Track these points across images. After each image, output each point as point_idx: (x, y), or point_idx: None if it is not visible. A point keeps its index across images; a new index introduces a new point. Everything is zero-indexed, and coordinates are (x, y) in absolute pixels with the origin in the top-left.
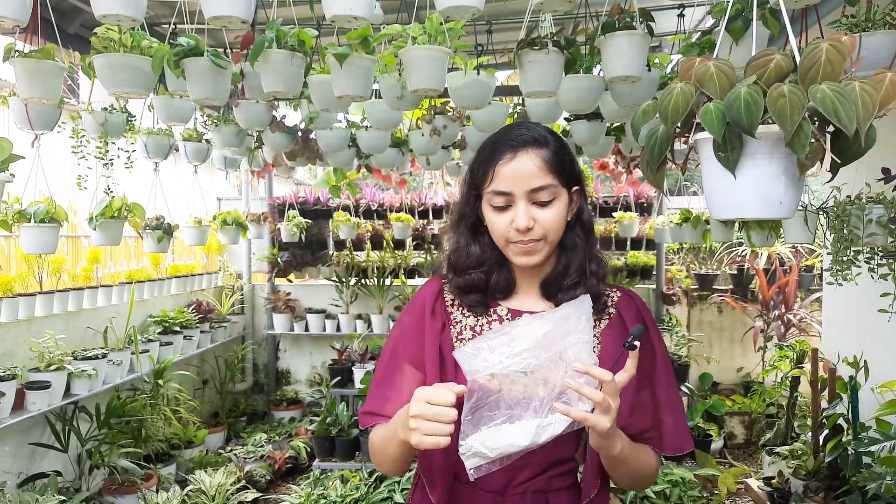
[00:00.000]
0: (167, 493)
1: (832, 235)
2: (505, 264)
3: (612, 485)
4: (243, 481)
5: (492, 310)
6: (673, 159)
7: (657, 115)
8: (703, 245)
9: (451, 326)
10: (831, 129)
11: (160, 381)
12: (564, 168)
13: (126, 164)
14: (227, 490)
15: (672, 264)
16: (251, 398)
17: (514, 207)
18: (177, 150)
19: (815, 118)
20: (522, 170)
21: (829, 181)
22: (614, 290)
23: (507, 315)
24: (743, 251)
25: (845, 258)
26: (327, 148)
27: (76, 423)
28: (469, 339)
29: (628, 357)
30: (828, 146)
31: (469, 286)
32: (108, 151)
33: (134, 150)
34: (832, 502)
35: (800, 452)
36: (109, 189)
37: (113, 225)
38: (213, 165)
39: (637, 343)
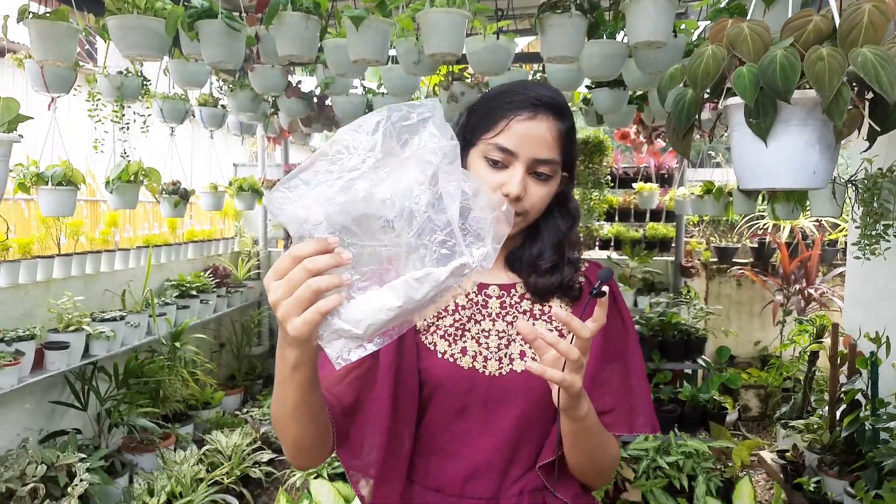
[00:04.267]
0: (185, 451)
1: (861, 209)
2: None
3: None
4: (259, 442)
5: None
6: (700, 126)
7: (685, 80)
8: (724, 218)
9: None
10: (870, 95)
11: (177, 344)
12: (570, 149)
13: (142, 128)
14: (243, 451)
15: (692, 237)
16: (267, 362)
17: (509, 170)
18: (193, 116)
19: (855, 84)
20: (537, 135)
21: (866, 151)
22: (584, 261)
23: (472, 288)
24: (764, 224)
25: (874, 232)
26: (343, 114)
27: (95, 382)
28: (434, 317)
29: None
30: (866, 113)
31: None
32: (123, 115)
33: (150, 115)
34: (847, 477)
35: (815, 427)
36: (125, 153)
37: (129, 189)
38: (228, 131)
39: (605, 289)
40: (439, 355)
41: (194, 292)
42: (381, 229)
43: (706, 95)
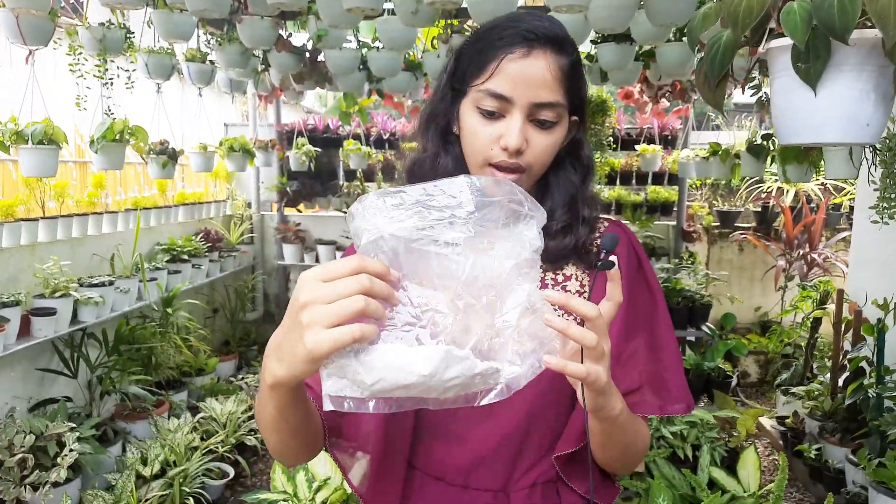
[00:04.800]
0: (178, 419)
1: (881, 170)
2: None
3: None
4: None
5: None
6: (733, 74)
7: (721, 19)
8: (729, 181)
9: None
10: None
11: (169, 310)
12: (578, 88)
13: (127, 84)
14: (238, 418)
15: (693, 201)
16: (262, 327)
17: (506, 119)
18: (180, 73)
19: None
20: (534, 74)
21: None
22: (603, 220)
23: None
24: (768, 188)
25: (894, 195)
26: (336, 70)
27: (85, 349)
28: None
29: (607, 282)
30: None
31: None
32: (106, 70)
33: (134, 70)
34: (849, 444)
35: (816, 393)
36: (110, 111)
37: (114, 148)
38: (218, 89)
39: (613, 260)
40: None
41: (186, 257)
42: (446, 292)
43: (745, 38)
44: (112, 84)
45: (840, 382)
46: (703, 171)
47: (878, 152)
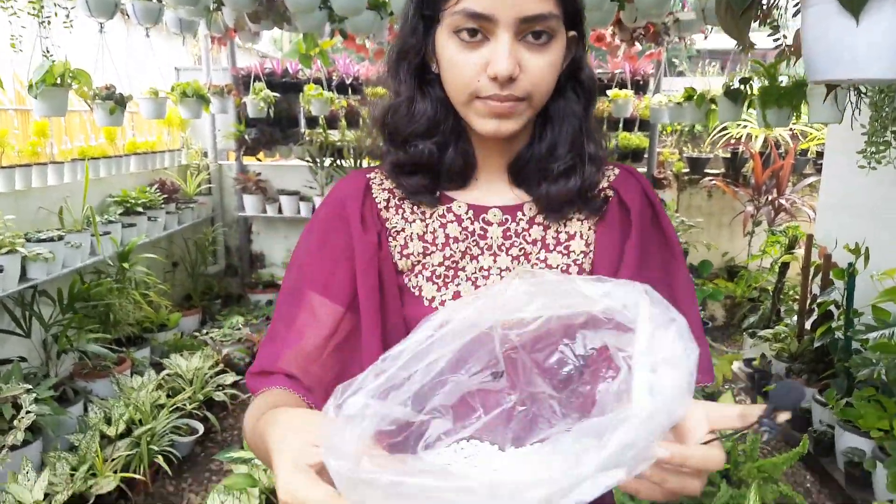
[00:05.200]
0: (142, 377)
1: (870, 114)
2: (462, 135)
3: None
4: (221, 365)
5: (443, 207)
6: (761, 4)
7: None
8: (698, 127)
9: (391, 238)
10: None
11: (125, 265)
12: None
13: (65, 23)
14: (206, 374)
15: (664, 147)
16: (225, 281)
17: (490, 43)
18: (124, 12)
19: None
20: None
21: None
22: (610, 167)
23: (466, 214)
24: (738, 133)
25: (882, 139)
26: (295, 8)
27: (37, 307)
28: (419, 254)
29: (633, 259)
30: None
31: (414, 164)
32: (42, 7)
33: (73, 7)
34: (815, 385)
35: (783, 336)
36: (48, 52)
37: (55, 93)
38: (167, 30)
39: (783, 419)
40: (426, 302)
41: (140, 209)
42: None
43: None
44: (49, 24)
45: (807, 326)
46: (677, 117)
47: (864, 95)
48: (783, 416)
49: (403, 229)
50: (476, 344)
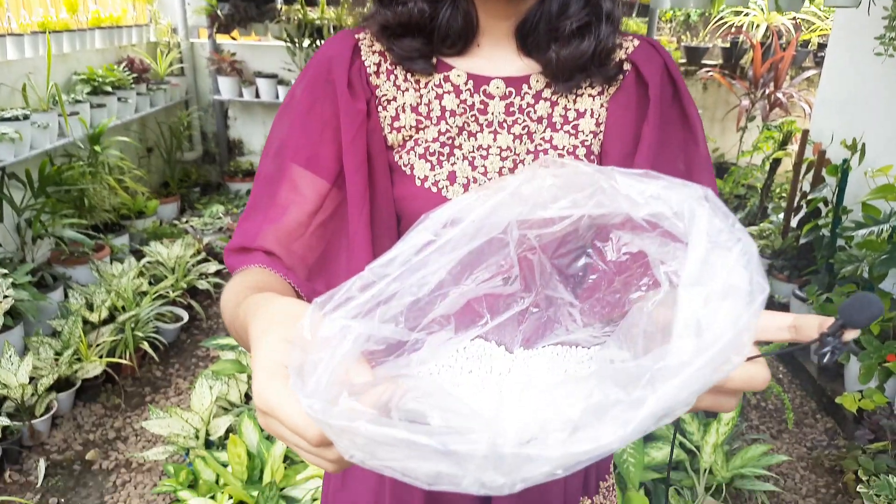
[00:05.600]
0: (122, 264)
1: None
2: None
3: None
4: (203, 254)
5: (440, 75)
6: None
7: None
8: (698, 15)
9: (381, 108)
10: None
11: (97, 147)
12: None
13: None
14: (188, 262)
15: (661, 35)
16: (203, 168)
17: None
18: None
19: None
20: None
21: None
22: (629, 38)
23: (465, 85)
24: (739, 22)
25: None
26: None
27: (7, 191)
28: (411, 128)
29: (650, 131)
30: None
31: (403, 25)
32: None
33: None
34: (797, 281)
35: (768, 233)
36: None
37: None
38: None
39: (847, 339)
40: (418, 182)
41: (109, 88)
42: None
43: None
44: None
45: (793, 223)
46: (679, 2)
47: None
48: (851, 335)
49: (395, 98)
50: (487, 248)
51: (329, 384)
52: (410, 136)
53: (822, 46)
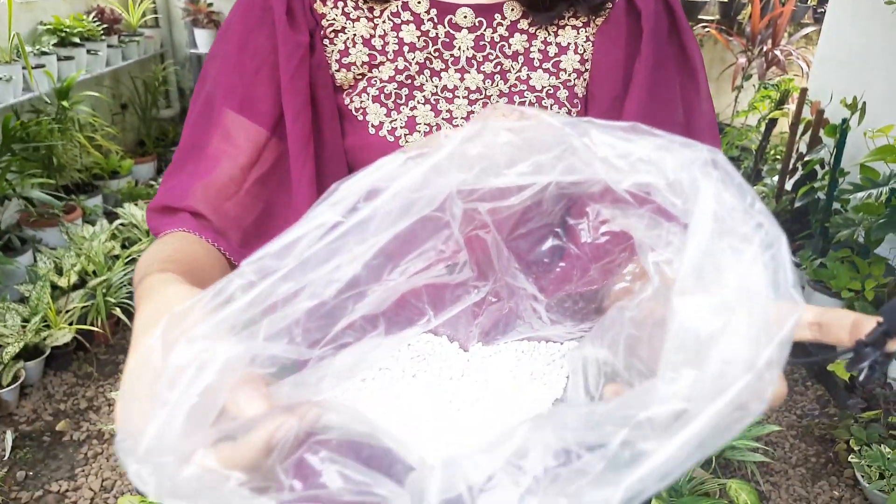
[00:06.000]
0: (94, 226)
1: None
2: None
3: None
4: None
5: (397, 2)
6: None
7: None
8: None
9: (327, 42)
10: None
11: (65, 103)
12: None
13: None
14: None
15: None
16: (180, 126)
17: None
18: None
19: None
20: None
21: None
22: None
23: (427, 13)
24: None
25: None
26: None
27: None
28: (363, 65)
29: (642, 77)
30: None
31: None
32: None
33: None
34: (790, 245)
35: (762, 196)
36: None
37: None
38: None
39: (879, 361)
40: (371, 130)
41: (77, 40)
42: None
43: None
44: None
45: (788, 186)
46: None
47: None
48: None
49: (344, 29)
50: (420, 230)
51: (181, 435)
52: (362, 75)
53: (821, 2)
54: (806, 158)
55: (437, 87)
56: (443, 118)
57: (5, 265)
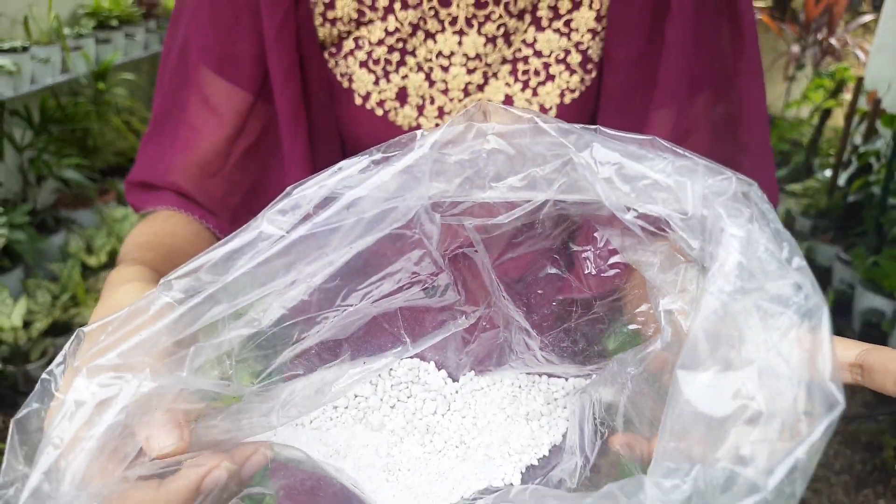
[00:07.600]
0: (127, 208)
1: None
2: None
3: None
4: None
5: None
6: None
7: None
8: None
9: None
10: None
11: (102, 85)
12: None
13: None
14: None
15: None
16: None
17: None
18: None
19: None
20: None
21: None
22: None
23: None
24: None
25: None
26: None
27: (8, 127)
28: (350, 22)
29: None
30: None
31: None
32: None
33: None
34: (842, 243)
35: (813, 192)
36: None
37: None
38: None
39: None
40: (358, 100)
41: (116, 23)
42: None
43: None
44: None
45: (841, 181)
46: None
47: None
48: None
49: None
50: (389, 245)
51: (71, 487)
52: (348, 33)
53: None
54: (861, 151)
55: (431, 51)
56: (437, 90)
57: (38, 244)
